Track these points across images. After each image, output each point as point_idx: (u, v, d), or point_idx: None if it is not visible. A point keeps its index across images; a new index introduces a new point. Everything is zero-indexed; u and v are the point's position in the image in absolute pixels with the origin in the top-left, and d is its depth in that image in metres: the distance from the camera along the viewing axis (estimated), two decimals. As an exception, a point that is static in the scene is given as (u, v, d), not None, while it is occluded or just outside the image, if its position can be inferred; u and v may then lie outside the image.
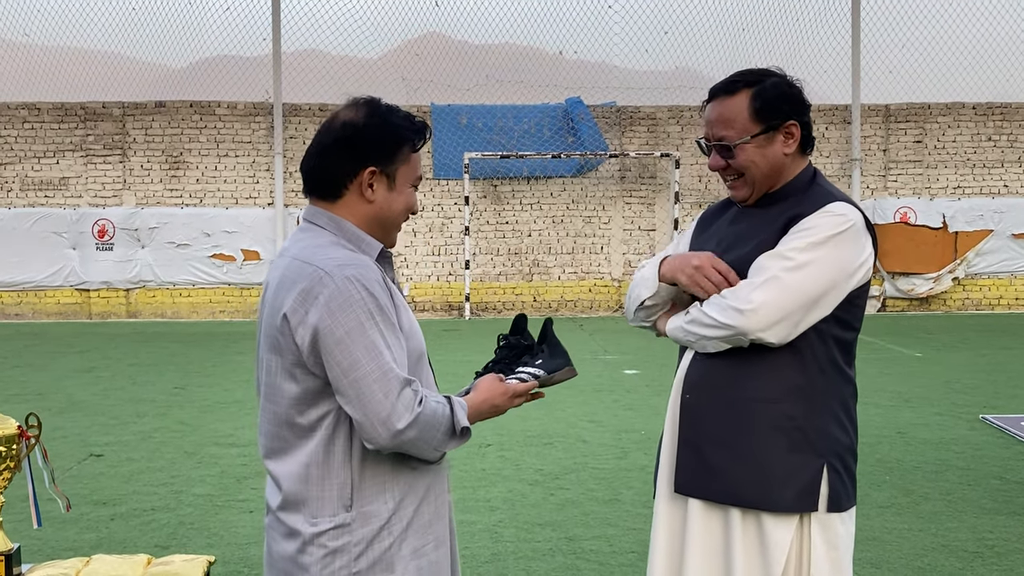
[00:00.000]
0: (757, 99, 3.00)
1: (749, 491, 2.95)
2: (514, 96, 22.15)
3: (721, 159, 3.05)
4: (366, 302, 2.57)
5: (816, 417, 2.97)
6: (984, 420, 9.71)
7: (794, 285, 2.89)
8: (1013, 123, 21.53)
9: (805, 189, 3.05)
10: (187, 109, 20.96)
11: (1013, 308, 21.39)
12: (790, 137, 3.03)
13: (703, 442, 3.01)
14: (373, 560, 2.64)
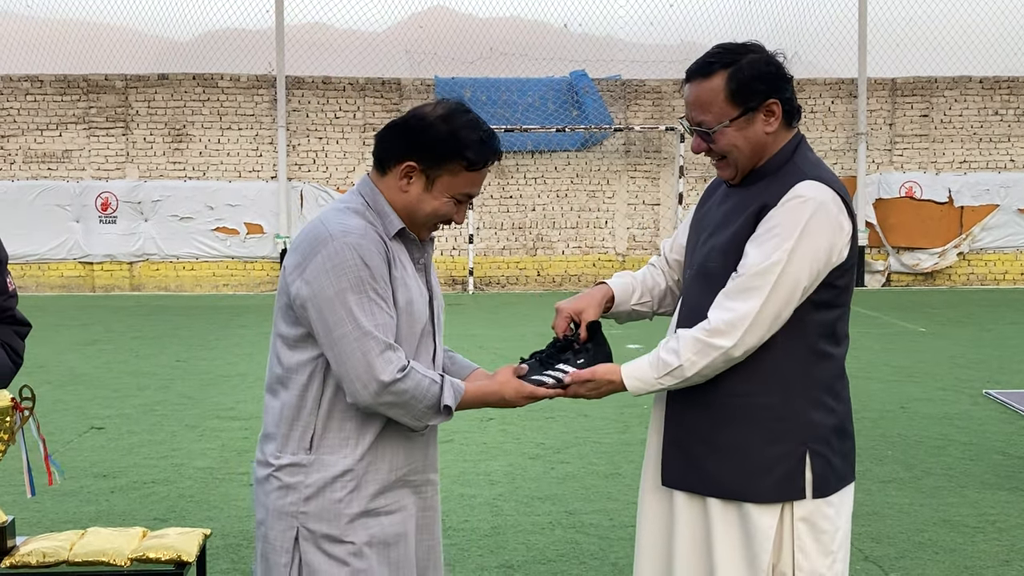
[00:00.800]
0: (733, 81, 2.90)
1: (730, 483, 2.93)
2: (518, 69, 22.05)
3: (702, 143, 2.99)
4: (358, 270, 2.71)
5: (793, 405, 2.93)
6: (988, 395, 9.69)
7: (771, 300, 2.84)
8: (1020, 97, 21.42)
9: (782, 167, 2.97)
10: (190, 81, 20.89)
11: (1018, 283, 21.33)
12: (771, 115, 2.94)
13: (686, 438, 3.00)
14: (321, 507, 2.80)
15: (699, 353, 2.86)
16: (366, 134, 21.03)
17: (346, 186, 20.99)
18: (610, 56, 22.89)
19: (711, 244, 3.00)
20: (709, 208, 3.16)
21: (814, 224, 2.84)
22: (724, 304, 2.86)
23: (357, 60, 22.08)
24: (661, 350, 2.92)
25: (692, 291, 3.06)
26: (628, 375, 2.96)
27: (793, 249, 2.82)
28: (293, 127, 20.90)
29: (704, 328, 2.86)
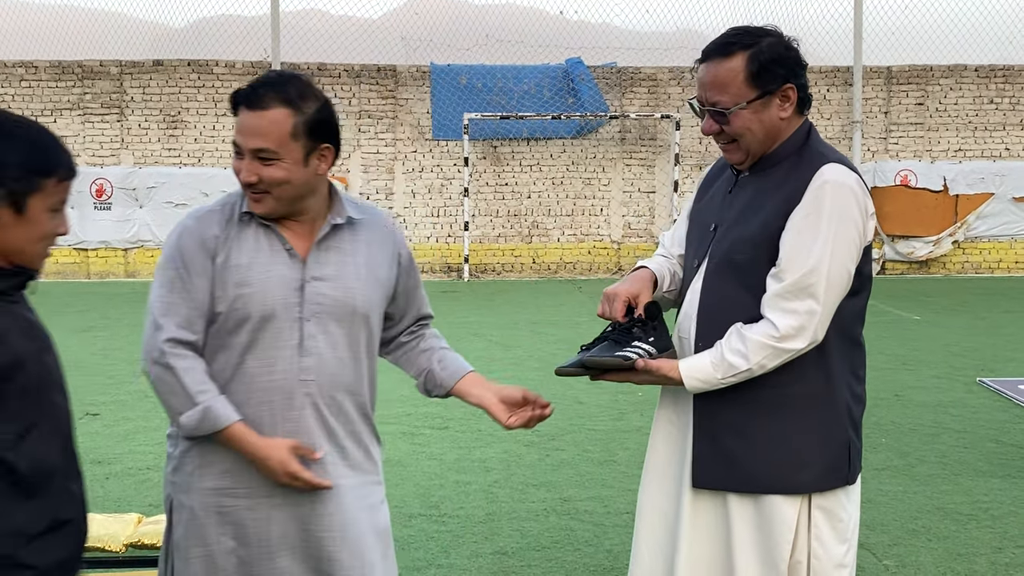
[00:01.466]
0: (753, 62, 2.88)
1: (772, 477, 2.88)
2: (514, 56, 22.01)
3: (715, 124, 2.94)
4: (171, 250, 2.88)
5: (836, 393, 2.92)
6: (981, 383, 9.71)
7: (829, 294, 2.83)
8: (1015, 86, 21.41)
9: (799, 152, 2.95)
10: (185, 68, 20.83)
11: (1013, 272, 21.36)
12: (786, 100, 2.92)
13: (721, 432, 2.93)
14: (182, 479, 2.91)
15: (769, 357, 2.82)
16: (361, 121, 21.00)
17: (341, 172, 20.97)
18: (606, 43, 22.86)
19: (736, 235, 2.94)
20: (713, 197, 3.12)
21: (850, 209, 2.84)
22: (784, 306, 2.81)
23: (352, 46, 22.02)
24: (726, 351, 2.84)
25: (714, 282, 2.98)
26: (689, 375, 2.88)
27: (837, 238, 2.81)
28: (288, 114, 20.83)
29: (772, 335, 2.80)
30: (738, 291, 2.91)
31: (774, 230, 2.87)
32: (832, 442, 2.92)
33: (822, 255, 2.79)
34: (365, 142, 21.05)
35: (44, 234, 2.45)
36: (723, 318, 2.92)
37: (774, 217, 2.88)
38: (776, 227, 2.87)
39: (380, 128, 21.06)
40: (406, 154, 21.07)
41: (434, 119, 20.91)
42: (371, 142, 21.06)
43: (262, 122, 2.74)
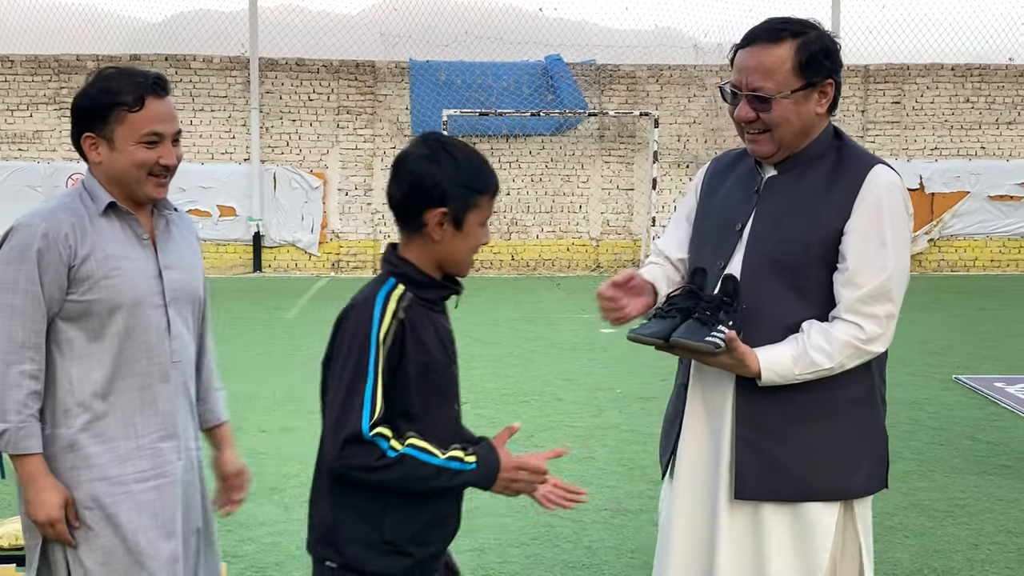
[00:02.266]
0: (803, 52, 2.81)
1: (821, 484, 2.84)
2: (493, 53, 22.00)
3: (752, 111, 2.84)
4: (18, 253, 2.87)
5: (875, 395, 2.93)
6: (957, 381, 9.78)
7: (900, 297, 2.84)
8: (991, 85, 21.55)
9: (837, 148, 2.91)
10: (162, 63, 20.73)
11: (988, 270, 21.50)
12: (824, 96, 2.87)
13: (765, 440, 2.86)
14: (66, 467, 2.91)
15: (852, 358, 2.79)
16: (340, 116, 20.95)
17: (319, 169, 20.92)
18: (585, 40, 22.88)
19: (780, 235, 2.85)
20: (730, 196, 3.02)
21: (903, 211, 2.85)
22: (866, 311, 2.79)
23: (331, 42, 21.97)
24: (809, 348, 2.77)
25: (756, 283, 2.87)
26: (768, 367, 2.78)
27: (899, 241, 2.82)
28: (266, 109, 20.79)
29: (859, 336, 2.77)
30: (785, 291, 2.85)
31: (828, 231, 2.82)
32: (876, 445, 2.93)
33: (893, 260, 2.79)
34: (344, 138, 21.01)
35: (475, 246, 2.69)
36: (768, 320, 2.84)
37: (827, 218, 2.83)
38: (831, 228, 2.82)
39: (359, 124, 21.01)
40: (385, 150, 21.03)
41: (413, 115, 20.88)
42: (350, 138, 21.02)
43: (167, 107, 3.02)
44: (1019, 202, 21.30)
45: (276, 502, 6.16)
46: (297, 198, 20.88)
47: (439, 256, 2.64)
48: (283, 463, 6.98)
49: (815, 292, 2.84)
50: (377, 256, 21.10)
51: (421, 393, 2.57)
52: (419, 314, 2.60)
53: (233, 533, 5.60)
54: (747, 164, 3.04)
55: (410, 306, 2.58)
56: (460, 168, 2.66)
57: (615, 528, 5.76)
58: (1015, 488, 6.48)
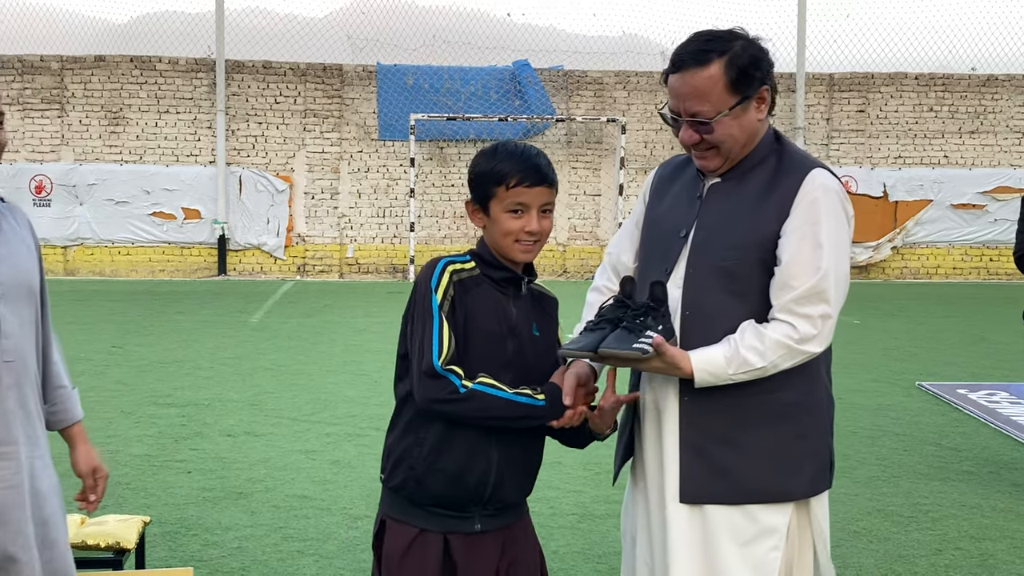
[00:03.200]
0: (732, 68, 2.82)
1: (765, 486, 2.85)
2: (461, 58, 22.01)
3: (695, 134, 2.87)
4: None
5: (814, 396, 2.93)
6: (920, 387, 9.86)
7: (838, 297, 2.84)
8: (954, 94, 21.77)
9: (777, 153, 2.94)
10: (127, 64, 20.59)
11: (950, 277, 21.71)
12: (762, 102, 2.90)
13: (708, 444, 2.87)
14: None
15: (785, 357, 2.79)
16: (307, 119, 20.88)
17: (286, 172, 20.84)
18: (552, 46, 22.93)
19: (723, 241, 2.88)
20: (675, 202, 3.04)
21: (841, 213, 2.86)
22: (800, 311, 2.79)
23: (298, 45, 21.90)
24: (741, 347, 2.78)
25: (699, 288, 2.90)
26: (700, 368, 2.80)
27: (837, 242, 2.83)
28: (232, 111, 20.68)
29: (792, 336, 2.78)
30: (727, 297, 2.86)
31: (767, 235, 2.84)
32: (819, 445, 2.93)
33: (830, 261, 2.80)
34: (310, 141, 20.93)
35: (504, 231, 2.95)
36: (711, 324, 2.86)
37: (766, 222, 2.85)
38: (769, 232, 2.84)
39: (325, 127, 20.95)
40: (352, 154, 20.98)
41: (380, 119, 20.84)
42: (316, 141, 20.95)
43: None
44: (981, 210, 21.53)
45: (242, 507, 6.12)
46: (263, 201, 20.78)
47: (489, 241, 3.01)
48: (249, 468, 6.93)
49: (756, 296, 2.86)
50: (343, 260, 21.04)
51: (465, 353, 2.89)
52: (479, 285, 2.96)
53: (198, 537, 5.57)
54: (691, 171, 3.06)
55: (471, 277, 2.97)
56: (485, 163, 3.02)
57: (582, 533, 5.76)
58: (978, 494, 6.53)
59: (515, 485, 3.03)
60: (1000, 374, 10.55)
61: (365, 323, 14.09)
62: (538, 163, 3.02)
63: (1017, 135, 21.81)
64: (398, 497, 2.99)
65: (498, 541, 3.01)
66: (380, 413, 8.52)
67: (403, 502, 2.98)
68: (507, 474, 2.98)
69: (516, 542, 3.06)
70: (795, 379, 2.86)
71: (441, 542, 2.96)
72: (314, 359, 11.10)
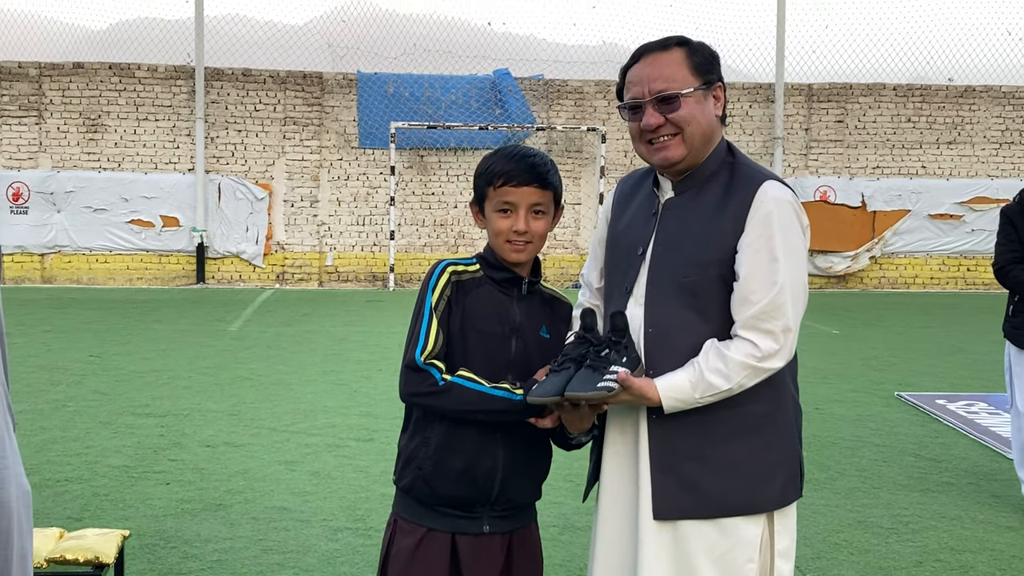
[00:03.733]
0: (695, 55, 2.91)
1: (737, 499, 2.85)
2: (441, 66, 22.01)
3: (660, 115, 2.87)
4: None
5: (781, 406, 2.93)
6: (899, 397, 9.89)
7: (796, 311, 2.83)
8: (932, 105, 21.90)
9: (730, 166, 2.95)
10: (106, 71, 20.50)
11: (928, 287, 21.81)
12: (718, 100, 2.95)
13: (677, 461, 2.87)
14: None
15: (749, 377, 2.80)
16: (287, 127, 20.83)
17: (265, 179, 20.78)
18: (533, 55, 22.95)
19: (680, 258, 2.89)
20: (633, 220, 3.05)
21: (795, 225, 2.87)
22: (760, 327, 2.79)
23: (278, 53, 21.85)
24: (705, 371, 2.79)
25: (660, 306, 2.91)
26: (667, 395, 2.81)
27: (792, 255, 2.83)
28: (212, 119, 20.61)
29: (754, 354, 2.78)
30: (687, 313, 2.87)
31: (724, 250, 2.85)
32: (788, 455, 2.93)
33: (786, 274, 2.80)
34: (290, 149, 20.88)
35: (496, 231, 3.03)
36: (674, 342, 2.87)
37: (721, 237, 2.85)
38: (726, 247, 2.85)
39: (305, 135, 20.90)
40: (332, 162, 20.94)
41: (360, 127, 20.81)
42: (296, 149, 20.90)
43: None
44: (959, 220, 21.65)
45: (221, 519, 6.08)
46: (242, 209, 20.71)
47: (490, 242, 3.09)
48: (228, 479, 6.89)
49: (716, 312, 2.86)
50: (322, 268, 21.00)
51: (461, 349, 2.97)
52: (480, 286, 3.04)
53: (177, 550, 5.53)
54: (647, 186, 3.07)
55: (473, 279, 3.04)
56: (482, 164, 3.09)
57: (563, 545, 5.74)
58: (958, 505, 6.56)
59: (522, 486, 3.07)
60: (979, 384, 10.60)
61: (345, 332, 14.05)
62: (529, 163, 3.02)
63: (994, 145, 21.95)
64: (408, 497, 3.05)
65: (504, 545, 3.06)
66: (360, 423, 8.49)
67: (413, 503, 3.04)
68: (513, 474, 3.02)
69: (523, 547, 3.11)
70: (761, 391, 2.86)
71: (449, 542, 3.00)
72: (293, 368, 11.05)
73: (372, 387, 10.06)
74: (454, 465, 2.97)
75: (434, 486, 2.98)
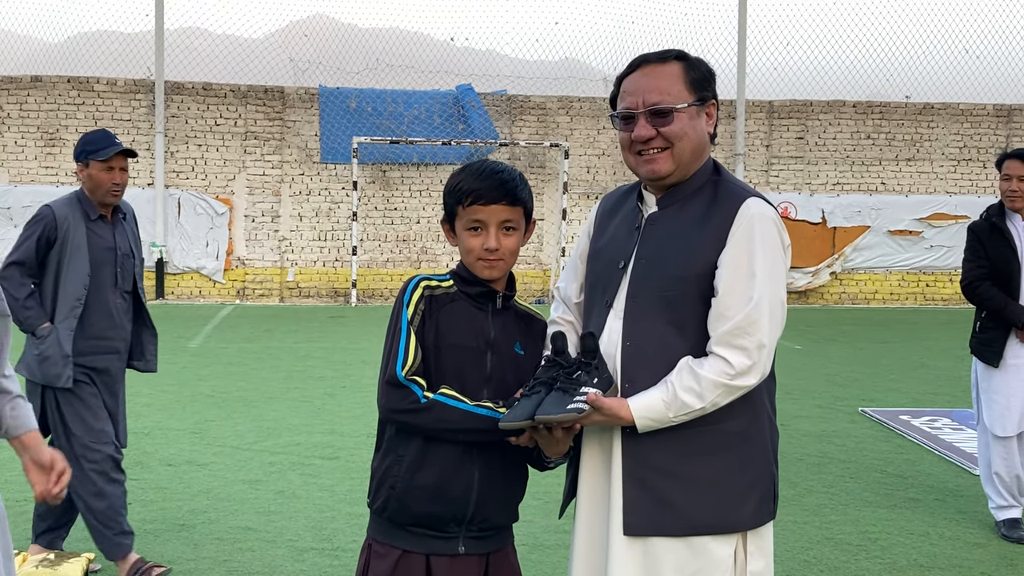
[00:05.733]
0: (692, 70, 2.91)
1: (709, 517, 2.83)
2: (404, 81, 21.95)
3: (652, 128, 2.87)
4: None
5: (756, 425, 2.91)
6: (863, 413, 9.93)
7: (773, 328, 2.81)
8: (891, 122, 22.10)
9: (714, 183, 2.94)
10: (64, 84, 20.29)
11: (888, 303, 21.98)
12: (710, 118, 2.95)
13: (650, 476, 2.85)
14: None
15: (723, 395, 2.78)
16: (247, 142, 20.69)
17: (225, 194, 20.62)
18: (496, 71, 22.95)
19: (661, 272, 2.88)
20: (616, 234, 3.05)
21: (776, 242, 2.86)
22: (735, 343, 2.77)
23: (239, 67, 21.72)
24: (679, 390, 2.77)
25: (640, 320, 2.90)
26: (640, 415, 2.79)
27: (772, 271, 2.81)
28: (172, 133, 20.44)
29: (727, 372, 2.76)
30: (666, 327, 2.85)
31: (704, 265, 2.83)
32: (762, 475, 2.91)
33: (762, 289, 2.78)
34: (251, 164, 20.74)
35: (467, 249, 3.02)
36: (653, 356, 2.85)
37: (702, 252, 2.84)
38: (706, 262, 2.83)
39: (267, 150, 20.78)
40: (293, 176, 20.82)
41: (322, 142, 20.71)
42: (257, 164, 20.77)
43: None
44: (918, 237, 21.84)
45: (184, 539, 5.98)
46: (202, 224, 20.54)
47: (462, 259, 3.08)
48: (191, 499, 6.79)
49: (695, 327, 2.85)
50: (283, 284, 20.85)
51: (435, 365, 2.95)
52: (453, 301, 3.02)
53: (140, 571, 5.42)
54: (631, 202, 3.07)
55: (445, 294, 3.03)
56: (450, 182, 3.09)
57: (532, 564, 5.70)
58: (924, 521, 6.57)
59: (498, 506, 3.02)
60: (942, 400, 10.66)
61: (307, 348, 13.94)
62: (497, 180, 2.99)
63: (952, 162, 22.18)
64: (381, 519, 3.01)
65: (481, 566, 3.01)
66: (325, 441, 8.40)
67: (386, 524, 3.00)
68: (489, 493, 2.98)
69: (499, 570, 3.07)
70: (737, 409, 2.85)
71: (424, 565, 2.96)
72: (256, 385, 10.94)
73: (336, 404, 9.97)
74: (427, 482, 2.93)
75: (407, 504, 2.94)
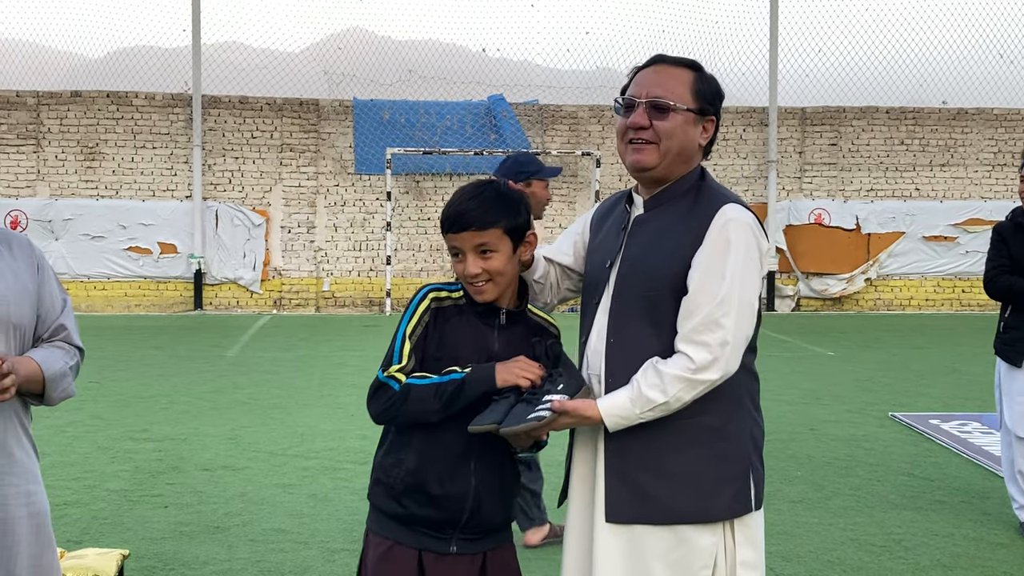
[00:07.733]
0: (701, 82, 3.02)
1: (686, 507, 2.92)
2: (437, 92, 22.13)
3: (647, 118, 2.98)
4: None
5: (737, 422, 3.00)
6: (893, 418, 9.94)
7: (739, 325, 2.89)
8: (925, 128, 22.03)
9: (697, 188, 3.04)
10: (104, 99, 20.61)
11: (923, 309, 21.88)
12: (706, 132, 3.05)
13: (630, 469, 2.96)
14: None
15: (685, 390, 2.86)
16: (283, 154, 20.93)
17: (262, 206, 20.86)
18: (527, 81, 23.08)
19: (644, 271, 2.99)
20: (606, 235, 3.17)
21: (751, 246, 2.94)
22: (697, 339, 2.86)
23: (274, 80, 21.98)
24: (643, 386, 2.87)
25: (622, 318, 3.02)
26: (608, 413, 2.90)
27: (742, 273, 2.90)
28: (209, 146, 20.71)
29: (688, 367, 2.85)
30: (646, 326, 2.96)
31: (681, 266, 2.94)
32: (739, 469, 2.99)
33: (730, 289, 2.88)
34: (287, 175, 20.98)
35: (457, 274, 3.05)
36: (634, 354, 2.96)
37: (680, 253, 2.95)
38: (683, 263, 2.94)
39: (302, 162, 21.01)
40: (328, 188, 21.03)
41: (357, 153, 20.92)
42: (293, 175, 21.00)
43: None
44: (953, 242, 21.75)
45: (219, 541, 6.12)
46: (239, 235, 20.78)
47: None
48: (226, 502, 6.94)
49: (671, 326, 2.94)
50: (319, 294, 21.06)
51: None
52: (461, 314, 3.06)
53: (175, 572, 5.57)
54: (621, 207, 3.18)
55: (454, 305, 3.07)
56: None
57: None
58: (950, 523, 6.61)
59: (493, 510, 3.08)
60: (972, 404, 10.65)
61: (342, 357, 14.10)
62: (461, 209, 3.01)
63: (987, 168, 22.08)
64: (378, 511, 3.09)
65: (476, 565, 3.07)
66: (357, 446, 8.53)
67: (382, 516, 3.08)
68: (485, 499, 3.04)
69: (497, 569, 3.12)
70: (714, 404, 2.94)
71: (415, 558, 3.03)
72: (291, 393, 11.10)
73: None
74: (426, 490, 2.99)
75: (404, 506, 3.02)
